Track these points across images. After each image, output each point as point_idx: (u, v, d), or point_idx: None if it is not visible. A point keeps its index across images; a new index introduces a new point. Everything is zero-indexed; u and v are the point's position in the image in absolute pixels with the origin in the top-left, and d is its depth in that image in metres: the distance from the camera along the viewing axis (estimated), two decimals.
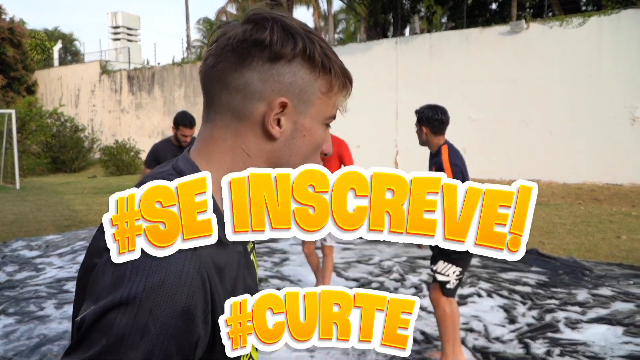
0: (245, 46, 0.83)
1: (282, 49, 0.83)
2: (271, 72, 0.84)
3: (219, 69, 0.85)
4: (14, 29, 27.70)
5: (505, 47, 14.21)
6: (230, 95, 0.85)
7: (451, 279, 3.42)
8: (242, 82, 0.84)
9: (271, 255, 6.80)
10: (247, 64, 0.83)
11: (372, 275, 5.87)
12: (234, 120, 0.87)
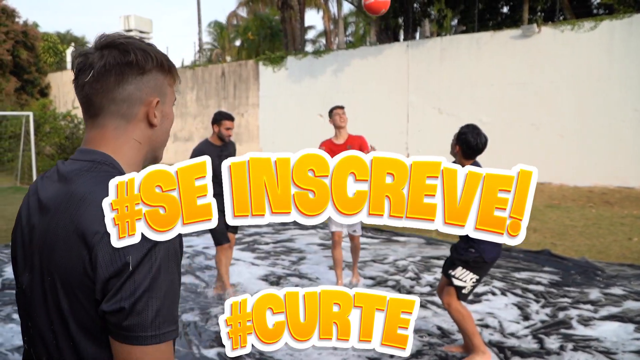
0: (120, 68, 1.11)
1: (146, 64, 1.14)
2: (142, 82, 1.14)
3: (102, 88, 1.11)
4: (27, 32, 28.07)
5: (516, 50, 14.31)
6: (117, 105, 1.13)
7: (467, 285, 3.59)
8: (125, 94, 1.13)
9: (288, 254, 6.96)
10: (125, 80, 1.12)
11: (387, 273, 6.01)
12: (122, 122, 1.15)
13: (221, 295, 5.21)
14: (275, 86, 19.71)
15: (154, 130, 1.20)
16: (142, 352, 1.00)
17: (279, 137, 19.69)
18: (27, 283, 1.14)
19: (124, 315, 0.99)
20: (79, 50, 1.16)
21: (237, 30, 34.39)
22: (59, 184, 1.12)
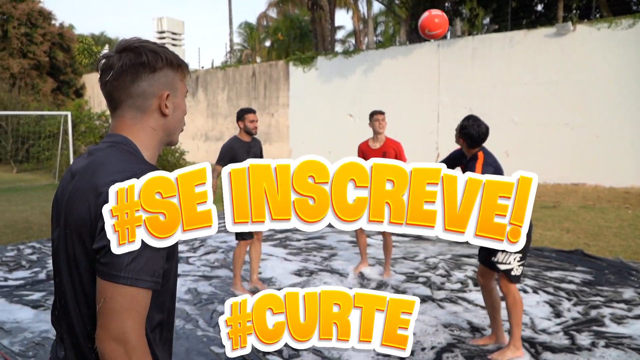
0: (134, 68, 1.32)
1: (156, 63, 1.34)
2: (154, 78, 1.35)
3: (120, 85, 1.33)
4: (63, 34, 28.81)
5: (550, 49, 14.15)
6: (133, 99, 1.35)
7: (514, 266, 3.64)
8: (140, 90, 1.34)
9: (320, 251, 7.07)
10: (139, 78, 1.33)
11: (418, 270, 6.06)
12: (138, 112, 1.37)
13: (256, 289, 5.35)
14: (305, 86, 19.86)
15: (166, 119, 1.41)
16: (114, 290, 1.16)
17: (309, 137, 19.84)
18: (56, 238, 1.38)
19: (105, 251, 1.18)
20: (103, 54, 1.38)
21: (267, 31, 34.70)
22: (88, 158, 1.38)
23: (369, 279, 5.73)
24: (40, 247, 7.38)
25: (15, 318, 4.63)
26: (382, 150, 5.60)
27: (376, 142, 5.70)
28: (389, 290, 5.33)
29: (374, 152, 5.54)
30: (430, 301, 5.00)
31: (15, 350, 4.00)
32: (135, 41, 1.35)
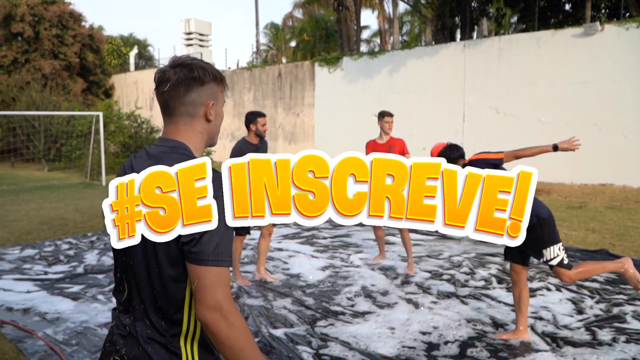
0: (187, 81, 1.55)
1: (205, 78, 1.57)
2: (202, 90, 1.57)
3: (175, 94, 1.56)
4: (93, 35, 29.43)
5: (578, 49, 14.08)
6: (185, 107, 1.57)
7: (562, 255, 3.80)
8: (191, 99, 1.57)
9: (346, 248, 7.23)
10: (190, 89, 1.55)
11: (442, 268, 6.18)
12: (189, 119, 1.59)
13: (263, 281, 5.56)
14: (331, 86, 20.03)
15: (210, 124, 1.64)
16: (205, 271, 1.40)
17: (334, 136, 19.99)
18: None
19: (194, 243, 1.41)
20: (159, 69, 1.61)
21: (293, 32, 34.95)
22: (149, 161, 1.57)
23: (396, 274, 5.87)
24: (77, 243, 7.67)
25: (57, 309, 4.87)
26: (387, 145, 6.23)
27: (382, 139, 6.32)
28: (413, 287, 5.47)
29: (380, 147, 6.22)
30: (454, 297, 5.12)
31: (59, 339, 4.24)
32: (187, 58, 1.60)
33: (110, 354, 1.58)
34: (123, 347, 1.55)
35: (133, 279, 1.55)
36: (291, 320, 4.55)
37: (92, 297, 5.22)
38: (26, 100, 24.23)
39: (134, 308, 1.55)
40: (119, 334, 1.58)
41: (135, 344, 1.53)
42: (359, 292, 5.30)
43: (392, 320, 4.50)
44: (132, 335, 1.54)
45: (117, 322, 1.61)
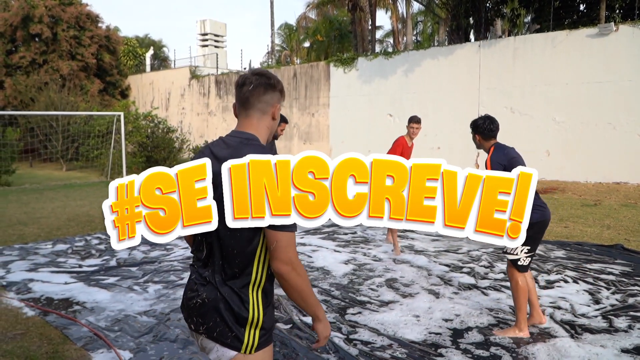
0: (266, 86, 1.90)
1: (277, 86, 1.94)
2: (274, 94, 1.92)
3: (255, 93, 1.90)
4: (110, 36, 29.82)
5: (592, 49, 14.20)
6: (261, 104, 1.90)
7: (521, 256, 3.98)
8: (266, 99, 1.90)
9: (367, 244, 7.45)
10: (267, 92, 1.90)
11: (462, 262, 6.39)
12: (261, 114, 1.91)
13: None
14: (346, 87, 20.24)
15: (273, 122, 1.98)
16: (281, 235, 1.72)
17: (349, 136, 20.20)
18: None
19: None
20: (242, 75, 1.98)
21: (307, 32, 35.19)
22: (229, 149, 1.83)
23: (418, 267, 6.08)
24: (106, 238, 7.93)
25: (95, 299, 5.13)
26: (412, 147, 6.85)
27: (410, 140, 6.82)
28: (435, 279, 5.68)
29: (409, 148, 6.76)
30: (474, 289, 5.33)
31: (101, 325, 4.50)
32: (264, 70, 2.01)
33: (192, 299, 1.93)
34: (203, 292, 1.88)
35: (217, 241, 1.85)
36: None
37: (128, 288, 5.48)
38: (44, 101, 24.65)
39: (214, 263, 1.88)
40: (199, 283, 1.93)
41: (213, 290, 1.87)
42: (382, 284, 5.52)
43: (416, 309, 4.72)
44: (211, 284, 1.89)
45: (197, 275, 1.96)
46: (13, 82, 26.74)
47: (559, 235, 7.94)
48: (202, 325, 1.88)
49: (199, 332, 1.91)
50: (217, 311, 1.83)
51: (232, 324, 1.83)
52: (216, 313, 1.84)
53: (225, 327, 1.84)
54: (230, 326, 1.83)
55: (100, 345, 4.07)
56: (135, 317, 4.65)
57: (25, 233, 8.36)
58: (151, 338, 4.19)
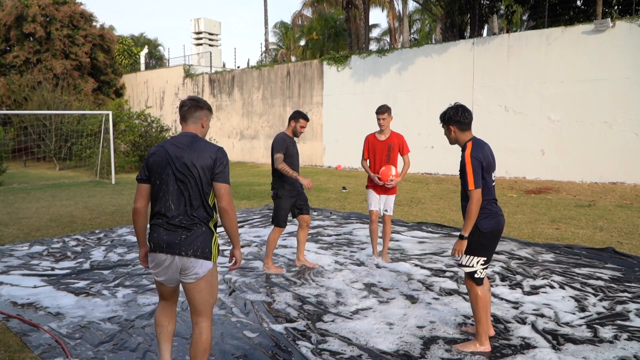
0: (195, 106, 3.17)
1: (204, 106, 3.21)
2: (202, 111, 3.19)
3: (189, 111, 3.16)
4: (104, 35, 29.60)
5: (588, 46, 13.98)
6: (193, 118, 3.17)
7: (477, 268, 3.78)
8: (196, 114, 3.17)
9: (350, 246, 7.23)
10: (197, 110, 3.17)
11: (446, 266, 6.16)
12: (194, 124, 3.19)
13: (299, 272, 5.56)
14: (339, 85, 20.02)
15: (203, 129, 3.24)
16: (225, 187, 3.03)
17: (342, 135, 19.99)
18: (169, 172, 3.03)
19: (220, 174, 3.02)
20: (182, 100, 3.21)
21: (302, 30, 34.97)
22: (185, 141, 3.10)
23: (398, 271, 5.86)
24: (84, 240, 7.74)
25: (60, 304, 4.92)
26: (387, 142, 6.22)
27: (382, 135, 6.28)
28: (415, 283, 5.47)
29: (380, 143, 6.23)
30: (456, 294, 5.11)
31: (63, 332, 4.29)
32: (196, 96, 3.26)
33: (160, 242, 3.03)
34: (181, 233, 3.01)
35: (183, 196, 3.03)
36: (292, 315, 4.57)
37: (97, 292, 5.27)
38: (38, 100, 24.44)
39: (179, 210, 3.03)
40: (164, 229, 3.04)
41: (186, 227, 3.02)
42: (360, 289, 5.30)
43: (390, 316, 4.51)
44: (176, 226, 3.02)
45: (161, 221, 3.06)
46: (6, 82, 26.53)
47: (549, 237, 7.72)
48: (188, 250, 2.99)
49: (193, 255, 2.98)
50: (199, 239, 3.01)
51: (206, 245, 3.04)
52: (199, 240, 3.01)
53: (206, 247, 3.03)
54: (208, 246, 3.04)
55: (57, 354, 3.88)
56: (99, 324, 4.44)
57: (4, 234, 8.16)
58: (111, 347, 3.99)
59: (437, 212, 10.09)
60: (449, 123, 3.96)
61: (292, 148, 5.87)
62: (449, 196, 12.29)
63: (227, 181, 3.01)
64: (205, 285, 3.04)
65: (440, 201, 11.47)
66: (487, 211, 3.72)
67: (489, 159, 3.77)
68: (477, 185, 3.64)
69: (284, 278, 5.74)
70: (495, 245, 3.85)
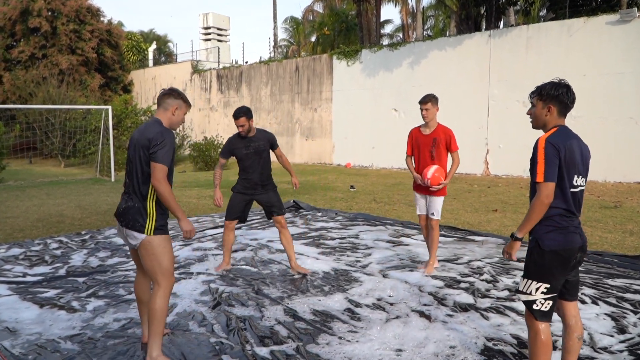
0: (168, 94, 3.54)
1: (177, 96, 3.56)
2: (174, 100, 3.52)
3: (164, 98, 3.52)
4: (111, 30, 29.17)
5: (613, 37, 13.16)
6: (166, 104, 3.51)
7: (536, 297, 2.87)
8: (168, 101, 3.51)
9: (354, 251, 6.57)
10: (169, 97, 3.52)
11: (461, 275, 5.47)
12: (164, 110, 3.51)
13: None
14: (349, 80, 19.34)
15: (173, 116, 3.52)
16: (158, 165, 3.27)
17: (352, 132, 19.34)
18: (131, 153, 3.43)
19: (153, 152, 3.28)
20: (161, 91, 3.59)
21: (313, 26, 34.31)
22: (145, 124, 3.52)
23: (405, 281, 5.19)
24: (67, 242, 7.16)
25: (19, 317, 4.33)
26: (432, 137, 5.46)
27: (427, 129, 5.55)
28: (426, 296, 4.79)
29: (424, 137, 5.51)
30: (472, 310, 4.43)
31: (15, 352, 3.69)
32: (173, 88, 3.57)
33: (119, 207, 3.49)
34: (124, 203, 3.46)
35: (132, 173, 3.42)
36: (281, 335, 3.92)
37: (66, 304, 4.67)
38: (43, 96, 24.06)
39: (129, 187, 3.46)
40: (122, 200, 3.50)
41: (129, 200, 3.44)
42: (365, 302, 4.64)
43: (399, 337, 3.83)
44: (124, 199, 3.48)
45: (123, 195, 3.54)
46: (11, 77, 26.17)
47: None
48: (125, 221, 3.39)
49: (128, 227, 3.38)
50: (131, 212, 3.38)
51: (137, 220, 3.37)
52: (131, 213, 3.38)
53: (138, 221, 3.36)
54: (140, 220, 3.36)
55: None
56: (58, 343, 3.83)
57: None
58: None
59: (450, 213, 9.38)
60: (550, 100, 2.94)
61: (242, 150, 5.53)
62: (463, 196, 11.56)
63: (161, 161, 3.25)
64: (145, 253, 3.39)
65: (454, 201, 10.75)
66: (554, 223, 2.83)
67: (573, 155, 2.84)
68: (549, 178, 2.75)
69: (277, 288, 5.09)
70: (563, 271, 2.86)
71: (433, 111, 5.44)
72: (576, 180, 2.86)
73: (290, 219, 8.69)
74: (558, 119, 2.94)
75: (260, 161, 5.52)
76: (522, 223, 2.86)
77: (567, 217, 2.85)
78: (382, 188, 13.08)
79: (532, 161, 2.82)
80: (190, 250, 6.64)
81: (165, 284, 3.42)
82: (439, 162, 5.40)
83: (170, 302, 4.67)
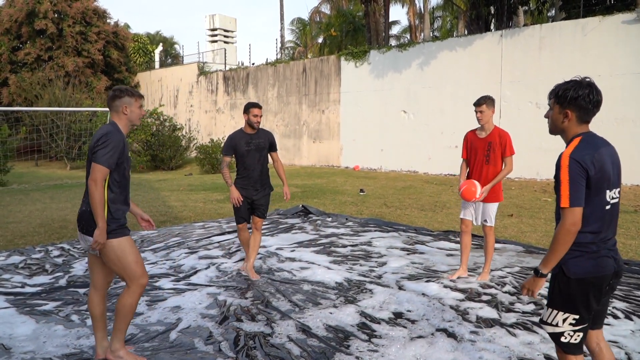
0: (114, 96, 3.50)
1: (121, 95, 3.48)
2: (122, 99, 3.47)
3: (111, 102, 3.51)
4: (118, 32, 29.00)
5: (629, 36, 12.82)
6: (115, 107, 3.49)
7: (564, 329, 2.53)
8: (117, 104, 3.48)
9: (368, 259, 6.28)
10: (115, 100, 3.49)
11: (481, 286, 5.17)
12: (115, 112, 3.50)
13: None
14: (357, 82, 19.06)
15: (125, 115, 3.46)
16: (93, 165, 3.23)
17: (360, 134, 19.06)
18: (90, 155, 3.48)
19: (94, 153, 3.26)
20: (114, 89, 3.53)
21: (320, 27, 34.06)
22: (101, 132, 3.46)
23: (424, 293, 4.90)
24: (69, 249, 6.92)
25: (14, 333, 4.08)
26: (487, 140, 5.33)
27: (482, 132, 5.41)
28: (448, 311, 4.49)
29: (479, 141, 5.37)
30: (498, 326, 4.14)
31: None
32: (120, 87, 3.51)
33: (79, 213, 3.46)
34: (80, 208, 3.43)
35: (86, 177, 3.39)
36: (293, 354, 3.64)
37: (65, 317, 4.42)
38: (49, 98, 23.91)
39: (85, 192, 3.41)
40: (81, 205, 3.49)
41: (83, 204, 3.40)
42: (382, 317, 4.35)
43: (408, 359, 3.54)
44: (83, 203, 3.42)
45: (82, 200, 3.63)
46: (17, 79, 26.04)
47: None
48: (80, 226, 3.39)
49: (83, 232, 3.37)
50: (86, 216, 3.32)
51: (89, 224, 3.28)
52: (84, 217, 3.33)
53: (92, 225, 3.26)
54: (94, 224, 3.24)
55: None
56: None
57: None
58: None
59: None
60: (567, 104, 2.57)
61: (243, 146, 5.51)
62: None
63: (99, 161, 3.20)
64: (106, 258, 3.35)
65: None
66: (582, 247, 2.46)
67: (604, 167, 2.48)
68: (575, 202, 2.38)
69: (289, 300, 4.81)
70: (594, 300, 2.49)
71: (488, 114, 5.26)
72: (609, 195, 2.51)
73: (299, 225, 8.41)
74: (579, 126, 2.58)
75: (261, 159, 5.56)
76: (547, 256, 2.45)
77: (600, 239, 2.48)
78: (393, 192, 12.78)
79: (556, 180, 2.45)
80: (196, 258, 6.37)
81: (134, 286, 3.39)
82: (494, 166, 5.23)
83: (174, 317, 4.41)
